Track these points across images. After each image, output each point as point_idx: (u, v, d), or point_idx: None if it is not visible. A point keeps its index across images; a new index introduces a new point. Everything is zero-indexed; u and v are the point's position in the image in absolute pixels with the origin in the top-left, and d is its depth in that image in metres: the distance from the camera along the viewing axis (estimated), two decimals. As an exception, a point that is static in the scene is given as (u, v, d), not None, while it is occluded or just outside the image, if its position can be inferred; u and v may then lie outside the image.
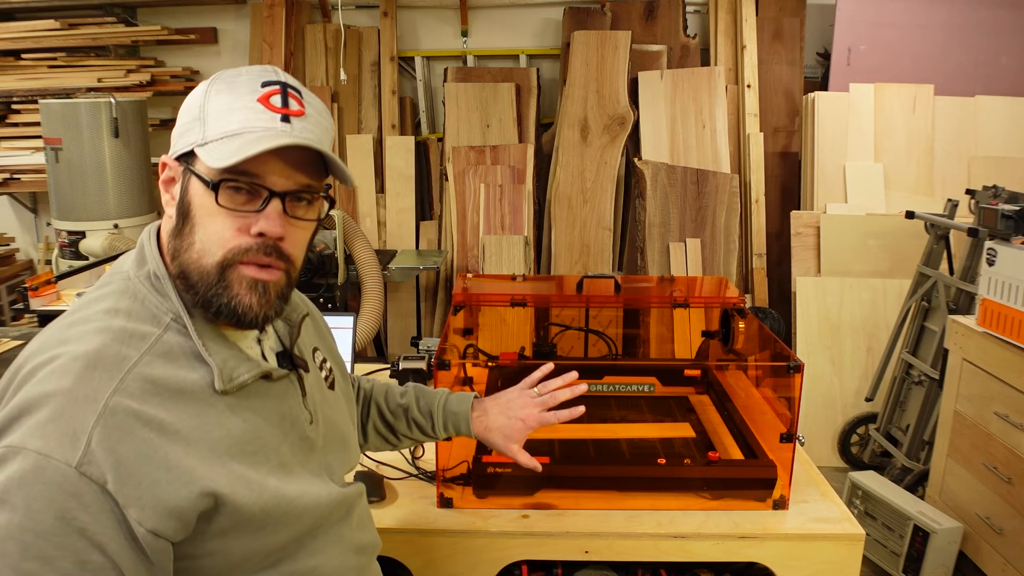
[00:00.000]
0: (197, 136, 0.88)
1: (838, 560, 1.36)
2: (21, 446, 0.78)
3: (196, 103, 0.90)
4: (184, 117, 0.91)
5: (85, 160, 3.45)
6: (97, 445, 0.78)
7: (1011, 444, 2.34)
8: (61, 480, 0.76)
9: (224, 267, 0.88)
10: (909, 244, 3.50)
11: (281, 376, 0.97)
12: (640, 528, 1.38)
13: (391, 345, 4.23)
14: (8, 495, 0.76)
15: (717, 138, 3.92)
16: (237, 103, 0.88)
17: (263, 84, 0.89)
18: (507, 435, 1.26)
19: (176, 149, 0.91)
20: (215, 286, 0.88)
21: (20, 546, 0.75)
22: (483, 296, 1.94)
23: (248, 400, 0.91)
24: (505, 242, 3.84)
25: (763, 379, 1.71)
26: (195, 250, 0.88)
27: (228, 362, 0.89)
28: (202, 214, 0.88)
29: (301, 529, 0.95)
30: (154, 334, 0.87)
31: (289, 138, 0.87)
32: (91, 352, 0.83)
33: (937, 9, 3.83)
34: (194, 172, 0.88)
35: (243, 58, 4.30)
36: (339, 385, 1.14)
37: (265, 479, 0.89)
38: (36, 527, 0.76)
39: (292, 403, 0.98)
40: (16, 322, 3.74)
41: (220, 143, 0.86)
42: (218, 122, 0.87)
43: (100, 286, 0.93)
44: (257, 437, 0.91)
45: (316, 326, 1.17)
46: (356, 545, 1.06)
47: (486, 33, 4.28)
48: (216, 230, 0.87)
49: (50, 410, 0.79)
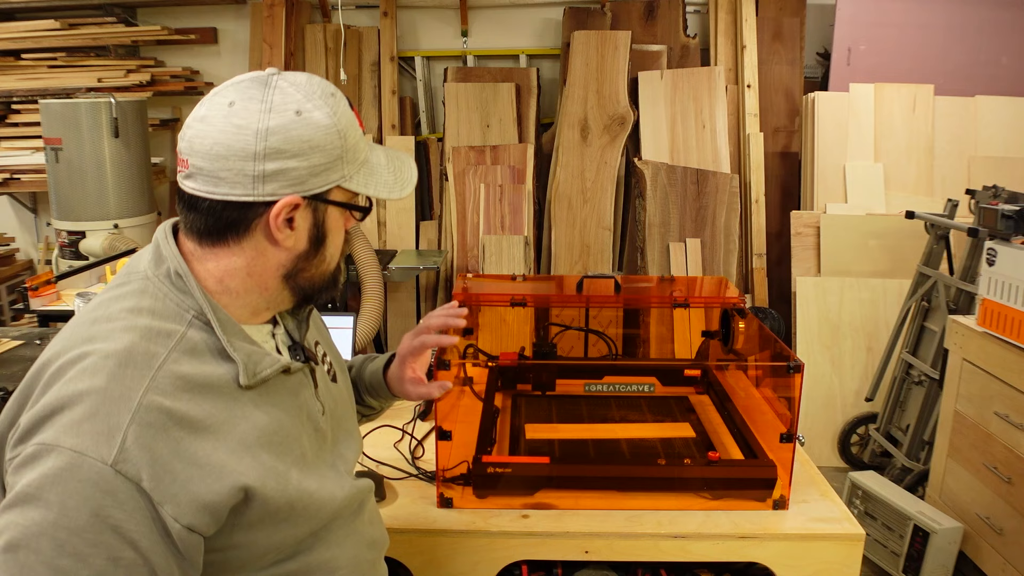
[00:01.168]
0: (338, 174, 0.93)
1: (838, 560, 1.36)
2: (56, 444, 0.79)
3: (331, 141, 0.91)
4: (317, 155, 0.90)
5: (85, 160, 3.45)
6: (132, 443, 0.79)
7: (1011, 444, 2.34)
8: (97, 478, 0.78)
9: (339, 265, 1.02)
10: (909, 244, 3.50)
11: (298, 369, 0.99)
12: (640, 528, 1.38)
13: (391, 345, 4.23)
14: (43, 492, 0.77)
15: (717, 138, 3.92)
16: (356, 132, 0.95)
17: (349, 103, 0.97)
18: (402, 376, 1.27)
19: (309, 188, 0.91)
20: (333, 283, 1.01)
21: (54, 543, 0.77)
22: (483, 296, 1.94)
23: (269, 394, 0.93)
24: (505, 242, 3.84)
25: (763, 379, 1.71)
26: (325, 263, 0.99)
27: (251, 357, 0.91)
28: (334, 232, 0.98)
29: (320, 522, 0.97)
30: (179, 331, 0.88)
31: (412, 166, 1.03)
32: (121, 350, 0.84)
33: (937, 9, 3.83)
34: (334, 202, 0.95)
35: (243, 58, 4.30)
36: (339, 378, 1.16)
37: (289, 470, 0.92)
38: (71, 524, 0.77)
39: (307, 395, 1.00)
40: (16, 322, 3.74)
41: (362, 174, 0.96)
42: (354, 154, 0.95)
43: (118, 285, 0.93)
44: (280, 429, 0.93)
45: (315, 321, 1.19)
46: (368, 539, 1.08)
47: (486, 33, 4.28)
48: (339, 241, 1.01)
49: (84, 408, 0.80)
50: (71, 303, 2.77)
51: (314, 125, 0.89)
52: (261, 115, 0.87)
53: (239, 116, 0.87)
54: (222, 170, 0.87)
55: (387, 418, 1.76)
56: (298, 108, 0.89)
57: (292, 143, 0.88)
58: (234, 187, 0.88)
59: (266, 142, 0.87)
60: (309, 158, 0.89)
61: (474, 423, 1.60)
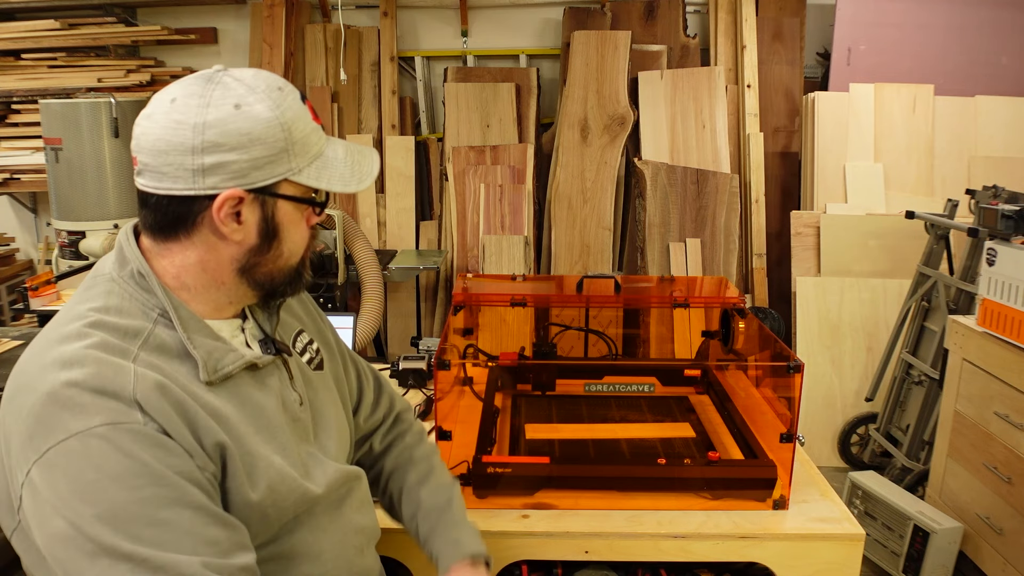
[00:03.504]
0: (284, 167, 0.92)
1: (838, 560, 1.36)
2: (85, 429, 0.80)
3: (273, 134, 0.90)
4: (257, 148, 0.90)
5: (85, 160, 3.45)
6: (145, 405, 0.83)
7: (1011, 444, 2.34)
8: (141, 435, 0.81)
9: (303, 260, 1.01)
10: (909, 244, 3.50)
11: (267, 363, 0.99)
12: (640, 528, 1.38)
13: (391, 345, 4.23)
14: (101, 472, 0.79)
15: (717, 138, 3.92)
16: (306, 126, 0.94)
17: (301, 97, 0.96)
18: None
19: (252, 180, 0.90)
20: (296, 278, 1.00)
21: (141, 506, 0.79)
22: (483, 296, 1.94)
23: (241, 387, 0.94)
24: (505, 242, 3.84)
25: (763, 379, 1.71)
26: (283, 258, 0.97)
27: (212, 354, 0.92)
28: (290, 227, 0.96)
29: (302, 506, 0.98)
30: (146, 328, 0.90)
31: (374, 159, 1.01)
32: (97, 342, 0.86)
33: (937, 9, 3.83)
34: (285, 196, 0.94)
35: (243, 58, 4.30)
36: (327, 366, 1.14)
37: (271, 456, 0.93)
38: (146, 483, 0.80)
39: (280, 387, 1.01)
40: (16, 322, 3.74)
41: (314, 168, 0.95)
42: (304, 148, 0.94)
43: (84, 289, 0.95)
44: (258, 418, 0.94)
45: (302, 308, 1.17)
46: (356, 526, 1.08)
47: (486, 33, 4.28)
48: (300, 234, 0.98)
49: (87, 393, 0.82)
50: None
51: (254, 118, 0.89)
52: (199, 109, 0.88)
53: (179, 111, 0.88)
54: (164, 165, 0.89)
55: (387, 418, 1.76)
56: (237, 102, 0.89)
57: (230, 136, 0.88)
58: (176, 181, 0.89)
59: (203, 136, 0.87)
60: (249, 151, 0.89)
61: (474, 423, 1.60)
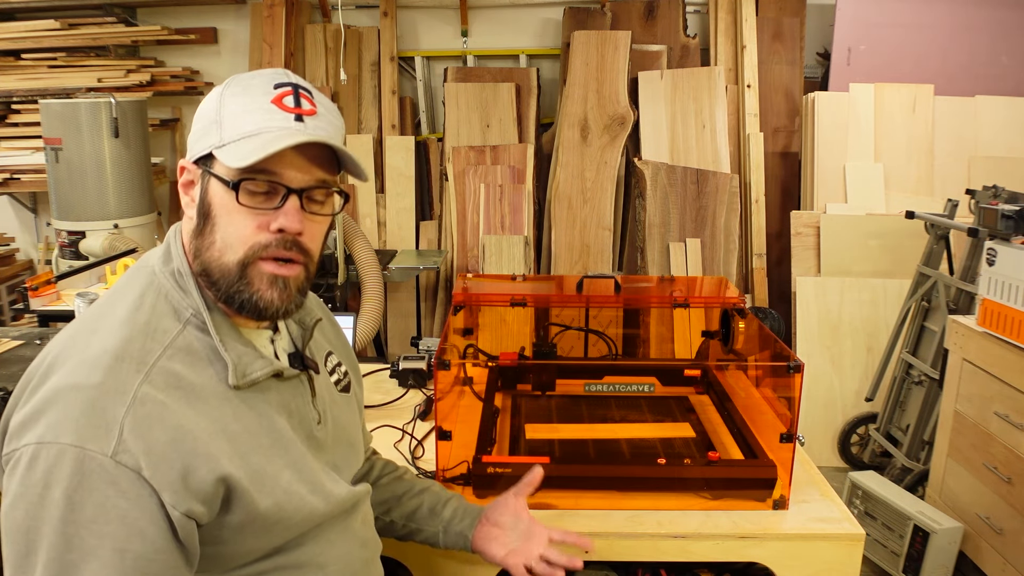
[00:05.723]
0: (215, 139, 0.90)
1: (838, 560, 1.36)
2: (54, 441, 0.79)
3: (212, 107, 0.92)
4: (200, 121, 0.93)
5: (85, 160, 3.46)
6: (129, 434, 0.80)
7: (1011, 444, 2.34)
8: (99, 469, 0.79)
9: (245, 264, 0.90)
10: (909, 244, 3.50)
11: (292, 376, 0.99)
12: (640, 528, 1.38)
13: (391, 345, 4.23)
14: (48, 490, 0.78)
15: (717, 138, 3.92)
16: (252, 105, 0.90)
17: (276, 86, 0.92)
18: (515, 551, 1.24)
19: (193, 152, 0.93)
20: (237, 282, 0.90)
21: (63, 539, 0.78)
22: (483, 296, 1.94)
23: (261, 396, 0.94)
24: (505, 242, 3.84)
25: (763, 379, 1.71)
26: (216, 248, 0.91)
27: (243, 358, 0.92)
28: (223, 213, 0.90)
29: (311, 523, 0.97)
30: (175, 329, 0.90)
31: (304, 135, 0.89)
32: (118, 346, 0.86)
33: (937, 9, 3.83)
34: (213, 174, 0.90)
35: (243, 58, 4.30)
36: (353, 389, 1.17)
37: (280, 472, 0.92)
38: (78, 518, 0.78)
39: (301, 402, 1.00)
40: (16, 322, 3.74)
41: (238, 144, 0.89)
42: (235, 124, 0.90)
43: (127, 278, 0.96)
44: (272, 431, 0.94)
45: (334, 331, 1.20)
46: (361, 539, 1.09)
47: (486, 33, 4.28)
48: (237, 228, 0.90)
49: (81, 403, 0.81)
50: (71, 303, 2.77)
51: (209, 97, 0.93)
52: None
53: None
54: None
55: (387, 418, 1.77)
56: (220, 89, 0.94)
57: (197, 114, 0.95)
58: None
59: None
60: (197, 124, 0.94)
61: (474, 423, 1.60)
